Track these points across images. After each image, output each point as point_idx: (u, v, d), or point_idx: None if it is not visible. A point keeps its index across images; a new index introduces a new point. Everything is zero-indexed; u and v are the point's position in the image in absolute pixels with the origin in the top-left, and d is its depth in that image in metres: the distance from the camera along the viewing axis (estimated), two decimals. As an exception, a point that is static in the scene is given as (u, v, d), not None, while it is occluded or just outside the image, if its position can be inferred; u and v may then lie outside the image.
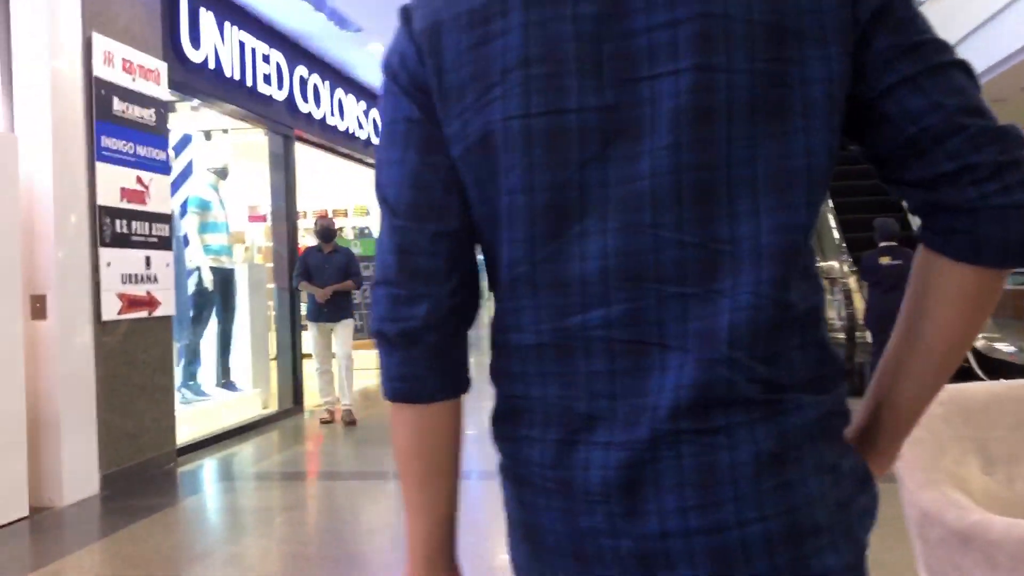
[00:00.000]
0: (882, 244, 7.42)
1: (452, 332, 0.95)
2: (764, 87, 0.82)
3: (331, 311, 7.44)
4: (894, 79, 0.85)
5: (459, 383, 0.97)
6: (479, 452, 6.11)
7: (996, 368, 8.43)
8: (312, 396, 8.29)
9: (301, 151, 9.84)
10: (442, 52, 0.89)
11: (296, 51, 8.38)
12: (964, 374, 8.62)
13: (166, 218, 6.03)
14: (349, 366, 7.67)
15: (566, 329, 0.86)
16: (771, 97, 0.83)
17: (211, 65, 6.77)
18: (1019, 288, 13.20)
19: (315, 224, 7.70)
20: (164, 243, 5.98)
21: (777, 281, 0.84)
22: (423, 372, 0.94)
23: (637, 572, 0.85)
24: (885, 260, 7.23)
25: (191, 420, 6.95)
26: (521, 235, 0.88)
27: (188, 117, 8.24)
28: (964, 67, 0.87)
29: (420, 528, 0.98)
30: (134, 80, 5.67)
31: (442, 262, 0.92)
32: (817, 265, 0.93)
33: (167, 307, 6.00)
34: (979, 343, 8.81)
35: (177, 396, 7.23)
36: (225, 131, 10.03)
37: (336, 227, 7.82)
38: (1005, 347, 8.51)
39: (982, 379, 8.35)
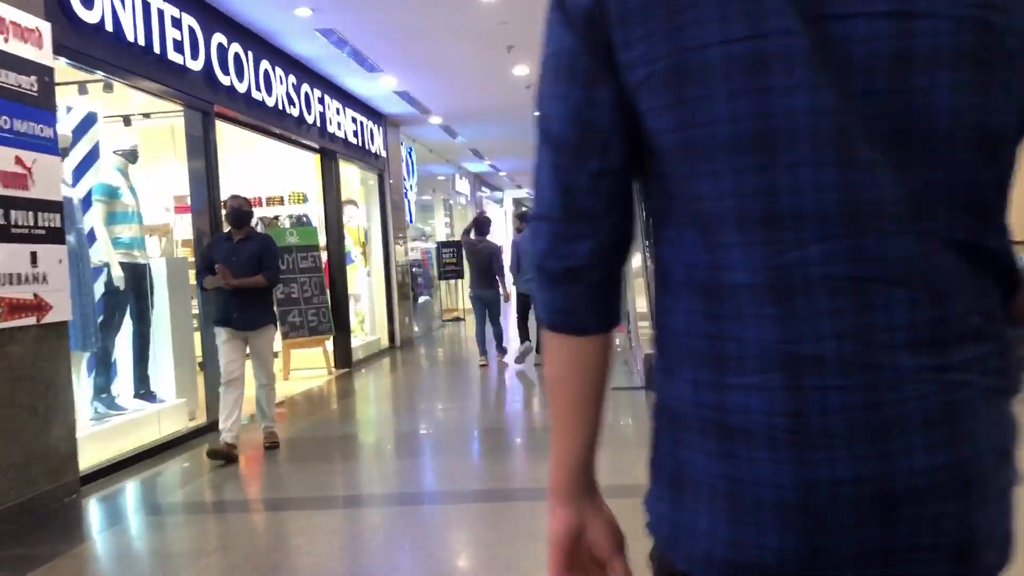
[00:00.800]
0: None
1: (610, 269, 0.96)
2: (970, 34, 0.80)
3: (243, 315, 5.90)
4: None
5: (613, 318, 0.98)
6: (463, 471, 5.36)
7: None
8: (247, 403, 7.36)
9: (227, 132, 8.93)
10: None
11: (212, 15, 7.42)
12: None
13: (56, 206, 5.09)
14: (269, 391, 6.22)
15: (783, 267, 0.83)
16: (978, 45, 0.81)
17: (108, 28, 5.80)
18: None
19: (225, 205, 6.39)
20: (54, 235, 5.05)
21: (973, 230, 0.85)
22: (583, 308, 0.95)
23: (877, 516, 0.82)
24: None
25: (102, 440, 6.02)
26: (727, 167, 0.84)
27: (102, 100, 7.26)
28: None
29: (567, 447, 0.99)
30: (6, 41, 4.71)
31: (603, 201, 0.93)
32: None
33: (61, 311, 5.07)
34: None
35: (87, 412, 6.34)
36: (147, 115, 9.19)
37: (251, 208, 6.35)
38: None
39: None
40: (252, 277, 5.86)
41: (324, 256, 10.86)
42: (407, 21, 8.46)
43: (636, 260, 9.66)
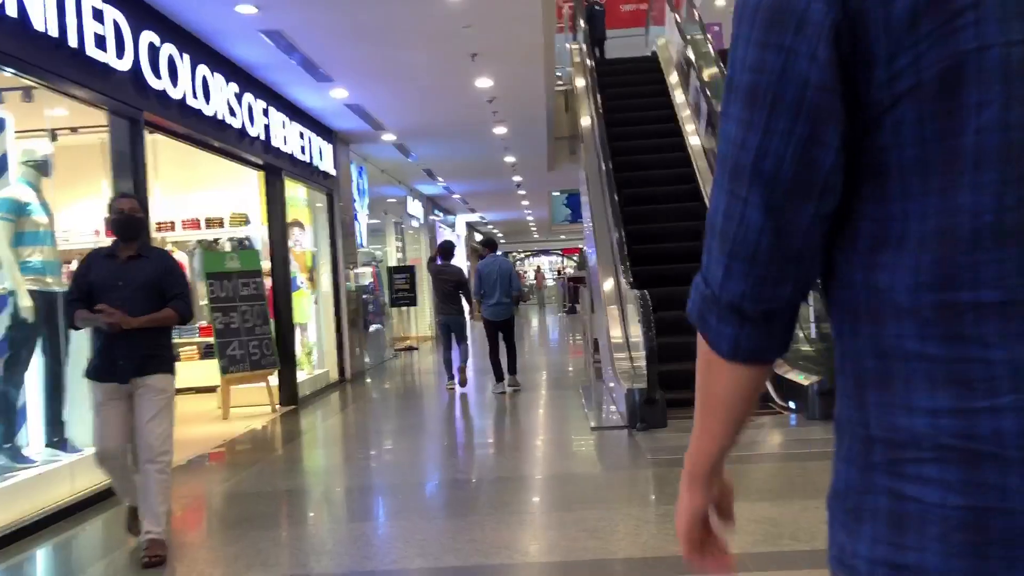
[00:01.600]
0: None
1: (799, 304, 0.95)
2: None
3: (131, 360, 4.25)
4: None
5: (788, 347, 0.98)
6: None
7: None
8: (179, 446, 6.37)
9: (161, 147, 8.06)
10: None
11: (141, 10, 6.54)
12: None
13: (-62, 222, 4.18)
14: (161, 471, 4.29)
15: None
16: None
17: (11, 12, 4.92)
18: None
19: (109, 209, 4.52)
20: (-65, 259, 4.13)
21: None
22: (773, 343, 0.95)
23: None
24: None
25: (1, 501, 5.07)
26: (990, 179, 0.80)
27: (22, 110, 6.35)
28: None
29: (717, 445, 1.06)
30: None
31: (815, 243, 0.90)
32: None
33: (-58, 351, 4.15)
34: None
35: (-16, 466, 5.39)
36: (74, 130, 8.34)
37: (145, 215, 4.84)
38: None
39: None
40: (158, 312, 4.28)
41: (268, 282, 9.97)
42: (361, 21, 7.68)
43: (608, 285, 8.97)
